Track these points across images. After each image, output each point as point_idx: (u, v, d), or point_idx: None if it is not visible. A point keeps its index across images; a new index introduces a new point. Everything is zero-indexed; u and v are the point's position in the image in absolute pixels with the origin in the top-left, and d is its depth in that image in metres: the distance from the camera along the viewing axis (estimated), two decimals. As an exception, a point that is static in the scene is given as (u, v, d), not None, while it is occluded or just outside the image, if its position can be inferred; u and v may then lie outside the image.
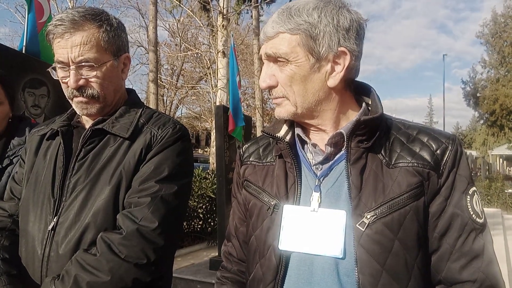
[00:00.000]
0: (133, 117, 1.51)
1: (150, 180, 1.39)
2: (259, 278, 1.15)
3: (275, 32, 1.08)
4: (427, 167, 1.07)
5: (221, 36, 10.74)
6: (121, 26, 1.53)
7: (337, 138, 1.12)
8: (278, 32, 1.08)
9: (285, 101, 1.12)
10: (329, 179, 1.12)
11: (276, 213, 1.14)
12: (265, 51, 1.11)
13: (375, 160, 1.09)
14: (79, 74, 1.41)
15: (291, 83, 1.09)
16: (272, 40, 1.09)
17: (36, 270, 1.38)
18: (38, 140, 1.58)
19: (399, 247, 1.02)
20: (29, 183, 1.50)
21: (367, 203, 1.04)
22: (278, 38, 1.08)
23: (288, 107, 1.12)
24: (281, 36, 1.08)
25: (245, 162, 1.33)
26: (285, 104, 1.12)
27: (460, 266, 1.05)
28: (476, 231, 1.06)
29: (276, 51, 1.08)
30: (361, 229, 1.03)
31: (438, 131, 1.14)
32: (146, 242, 1.31)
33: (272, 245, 1.13)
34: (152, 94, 11.23)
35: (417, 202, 1.05)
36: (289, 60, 1.08)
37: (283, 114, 1.14)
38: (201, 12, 15.69)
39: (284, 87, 1.10)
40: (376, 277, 1.00)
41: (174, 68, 25.88)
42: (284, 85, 1.10)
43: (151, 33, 11.32)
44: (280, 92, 1.12)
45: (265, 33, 1.11)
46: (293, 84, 1.09)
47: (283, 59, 1.08)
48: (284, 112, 1.13)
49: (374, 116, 1.08)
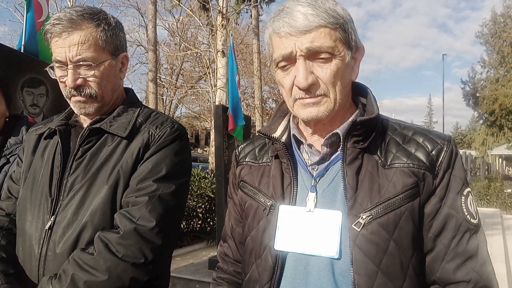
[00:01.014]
0: (131, 116, 1.51)
1: (147, 179, 1.39)
2: (255, 279, 1.14)
3: (314, 25, 1.01)
4: (422, 168, 1.07)
5: (221, 36, 10.73)
6: (119, 25, 1.53)
7: (333, 138, 1.12)
8: (318, 25, 1.02)
9: (324, 99, 1.07)
10: (325, 179, 1.12)
11: (272, 214, 1.14)
12: (307, 45, 1.02)
13: (371, 160, 1.09)
14: (77, 73, 1.41)
15: (335, 79, 1.05)
16: (310, 34, 1.02)
17: (33, 269, 1.38)
18: (36, 139, 1.58)
19: (394, 248, 1.02)
20: (27, 182, 1.50)
21: (362, 204, 1.04)
22: (319, 32, 1.02)
23: (328, 105, 1.07)
24: (322, 30, 1.02)
25: (241, 162, 1.32)
26: (325, 101, 1.07)
27: (454, 266, 1.05)
28: (470, 231, 1.06)
29: (322, 45, 1.02)
30: (357, 229, 1.02)
31: (433, 132, 1.14)
32: (144, 242, 1.31)
33: (268, 246, 1.12)
34: (152, 93, 11.23)
35: (412, 203, 1.05)
36: (334, 55, 1.04)
37: (322, 113, 1.07)
38: (200, 11, 15.68)
39: (328, 84, 1.05)
40: (371, 277, 1.00)
41: (173, 67, 25.86)
42: (327, 81, 1.05)
43: (151, 33, 11.32)
44: (322, 90, 1.06)
45: (295, 26, 1.02)
46: (337, 80, 1.06)
47: (328, 54, 1.03)
48: (324, 111, 1.07)
49: (370, 117, 1.08)
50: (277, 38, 1.07)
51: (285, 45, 1.05)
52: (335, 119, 1.14)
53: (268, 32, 1.12)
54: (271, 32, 1.09)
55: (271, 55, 1.12)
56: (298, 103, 1.09)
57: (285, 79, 1.09)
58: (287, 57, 1.06)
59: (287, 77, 1.09)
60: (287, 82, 1.08)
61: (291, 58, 1.06)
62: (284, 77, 1.09)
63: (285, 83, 1.09)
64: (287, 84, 1.09)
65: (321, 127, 1.15)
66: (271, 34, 1.10)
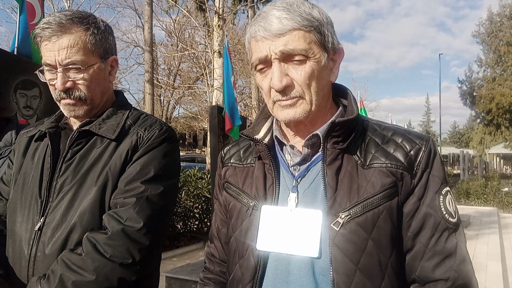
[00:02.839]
0: (120, 118, 1.53)
1: (135, 180, 1.41)
2: (238, 279, 1.16)
3: (287, 28, 1.04)
4: (400, 168, 1.08)
5: (217, 36, 10.76)
6: (108, 29, 1.55)
7: (313, 139, 1.13)
8: (292, 28, 1.04)
9: (300, 101, 1.09)
10: (306, 179, 1.14)
11: (255, 214, 1.16)
12: (280, 48, 1.04)
13: (351, 161, 1.11)
14: (66, 77, 1.43)
15: (310, 81, 1.07)
16: (284, 37, 1.04)
17: (22, 270, 1.39)
18: (27, 141, 1.60)
19: (372, 247, 1.03)
20: (17, 184, 1.52)
21: (341, 203, 1.06)
22: (292, 35, 1.04)
23: (305, 106, 1.09)
24: (296, 33, 1.04)
25: (226, 164, 1.34)
26: (301, 103, 1.09)
27: (433, 265, 1.06)
28: (449, 230, 1.08)
29: (295, 48, 1.04)
30: (336, 228, 1.04)
31: (413, 132, 1.16)
32: (131, 242, 1.33)
33: (250, 246, 1.14)
34: (148, 94, 11.24)
35: (390, 202, 1.06)
36: (309, 57, 1.06)
37: (299, 114, 1.09)
38: (197, 12, 15.70)
39: (302, 85, 1.07)
40: (349, 276, 1.02)
41: (171, 68, 25.86)
42: (302, 83, 1.07)
43: (147, 33, 11.33)
44: (297, 92, 1.07)
45: (270, 30, 1.05)
46: (312, 82, 1.07)
47: (302, 56, 1.05)
48: (300, 112, 1.09)
49: (349, 118, 1.10)
50: (254, 42, 1.10)
51: (261, 49, 1.08)
52: (316, 120, 1.16)
53: (246, 36, 1.15)
54: (249, 37, 1.13)
55: (251, 59, 1.15)
56: (276, 105, 1.12)
57: (263, 82, 1.12)
58: (263, 60, 1.09)
59: (264, 79, 1.11)
60: (265, 85, 1.11)
61: (267, 61, 1.08)
62: (262, 79, 1.12)
63: (263, 86, 1.12)
64: (265, 87, 1.12)
65: (302, 128, 1.17)
66: (249, 39, 1.13)
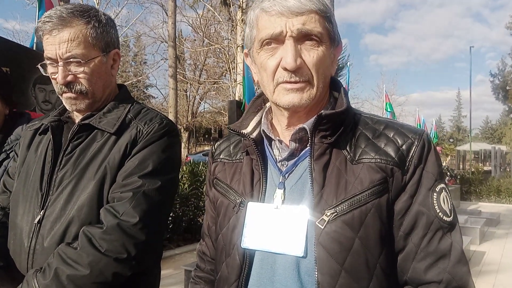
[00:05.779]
0: (121, 112, 1.52)
1: (133, 175, 1.40)
2: (225, 278, 1.12)
3: (306, 8, 1.00)
4: (390, 163, 1.02)
5: (241, 31, 10.75)
6: (110, 22, 1.54)
7: (301, 133, 1.08)
8: (310, 9, 1.00)
9: (308, 87, 1.04)
10: (294, 175, 1.09)
11: (241, 211, 1.12)
12: (298, 27, 1.00)
13: (340, 156, 1.05)
14: (67, 70, 1.43)
15: (320, 65, 1.04)
16: (302, 16, 1.00)
17: (22, 262, 1.41)
18: (31, 134, 1.62)
19: (359, 246, 0.98)
20: (20, 177, 1.54)
21: (328, 200, 1.00)
22: (310, 17, 1.01)
23: (311, 92, 1.05)
24: (313, 15, 1.01)
25: (215, 159, 1.30)
26: (308, 88, 1.04)
27: (425, 266, 1.00)
28: (443, 230, 1.01)
29: (312, 29, 1.01)
30: (321, 226, 0.99)
31: (406, 126, 1.09)
32: (127, 237, 1.32)
33: (236, 244, 1.10)
34: (172, 89, 11.34)
35: (379, 199, 1.00)
36: (322, 42, 1.03)
37: (305, 100, 1.04)
38: (221, 6, 15.72)
39: (312, 69, 1.03)
40: (334, 276, 0.96)
41: (197, 63, 26.05)
42: (313, 66, 1.03)
43: (170, 29, 11.42)
44: (306, 75, 1.03)
45: (287, 6, 1.00)
46: (320, 67, 1.04)
47: (317, 39, 1.02)
48: (307, 98, 1.04)
49: (336, 111, 1.05)
50: (267, 17, 1.03)
51: (274, 25, 1.02)
52: (311, 112, 1.10)
53: (254, 12, 1.08)
54: (259, 12, 1.05)
55: (254, 37, 1.08)
56: (280, 88, 1.05)
57: (269, 61, 1.05)
58: (275, 37, 1.03)
59: (271, 58, 1.04)
60: (271, 64, 1.04)
61: (279, 39, 1.03)
62: (268, 58, 1.05)
63: (269, 65, 1.05)
64: (271, 66, 1.05)
65: (295, 120, 1.11)
66: (259, 14, 1.06)
